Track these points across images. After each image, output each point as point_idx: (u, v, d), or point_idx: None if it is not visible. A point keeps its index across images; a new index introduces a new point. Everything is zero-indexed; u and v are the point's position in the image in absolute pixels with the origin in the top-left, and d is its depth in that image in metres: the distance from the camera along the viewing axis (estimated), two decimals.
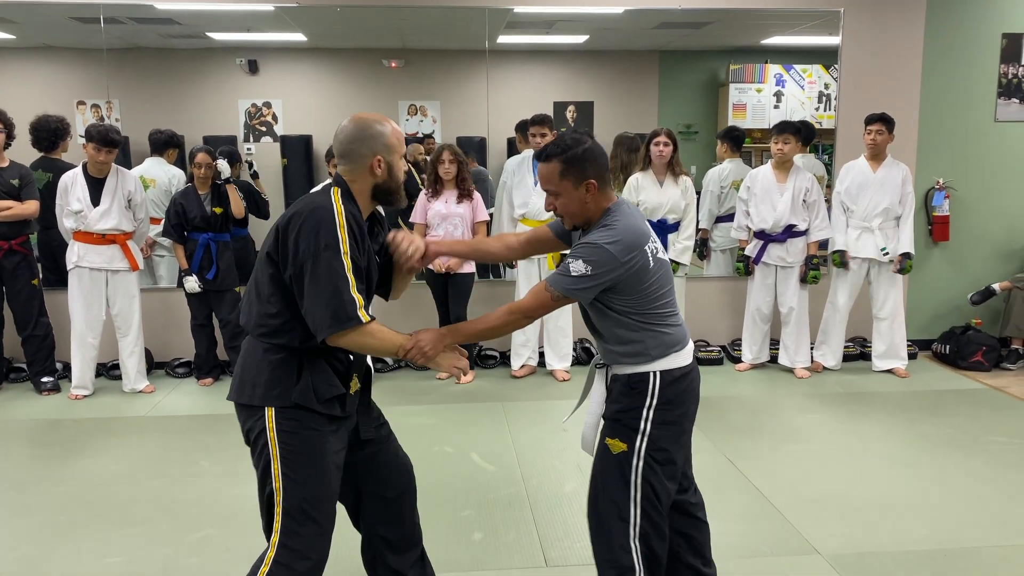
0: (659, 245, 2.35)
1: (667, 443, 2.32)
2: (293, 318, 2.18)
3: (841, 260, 5.51)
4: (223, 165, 5.20)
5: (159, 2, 5.59)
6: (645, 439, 2.30)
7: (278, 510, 2.18)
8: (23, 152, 5.32)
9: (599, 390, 2.43)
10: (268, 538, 2.24)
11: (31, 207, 5.07)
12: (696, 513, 2.57)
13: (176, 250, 5.27)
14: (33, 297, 5.18)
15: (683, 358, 2.34)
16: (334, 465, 2.26)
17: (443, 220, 5.25)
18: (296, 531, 2.18)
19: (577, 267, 2.22)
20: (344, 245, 2.12)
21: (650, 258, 2.28)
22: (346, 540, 2.56)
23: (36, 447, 4.35)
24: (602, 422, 2.41)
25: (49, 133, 5.42)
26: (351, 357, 2.30)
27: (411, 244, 2.42)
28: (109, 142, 4.84)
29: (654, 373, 2.30)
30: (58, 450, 4.27)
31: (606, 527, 2.34)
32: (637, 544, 2.32)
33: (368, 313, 2.16)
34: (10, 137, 5.13)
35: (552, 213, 2.40)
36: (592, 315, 2.38)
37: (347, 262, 2.12)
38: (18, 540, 3.25)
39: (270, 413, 2.18)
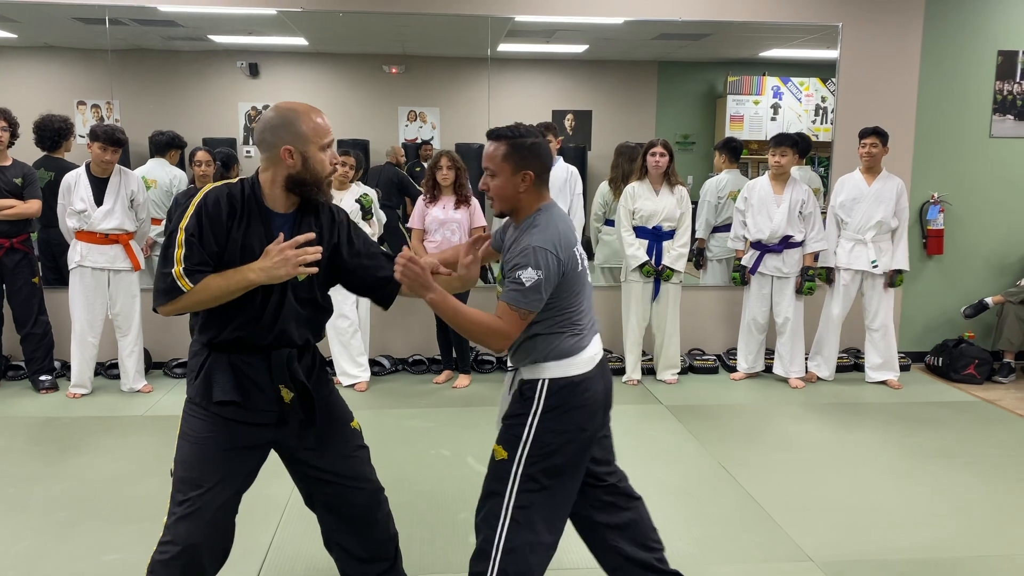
0: (583, 252, 2.37)
1: (556, 452, 2.28)
2: (196, 314, 2.28)
3: (827, 277, 5.57)
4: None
5: (163, 4, 5.62)
6: (527, 449, 2.27)
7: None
8: (25, 151, 5.34)
9: (506, 392, 2.46)
10: None
11: (33, 206, 5.09)
12: (620, 503, 2.51)
13: None
14: (33, 295, 5.20)
15: (577, 367, 2.31)
16: (232, 462, 2.25)
17: (440, 226, 5.28)
18: (173, 511, 2.20)
19: (528, 275, 2.19)
20: (183, 221, 2.16)
21: (578, 261, 2.31)
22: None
23: (34, 445, 4.35)
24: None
25: (53, 132, 5.44)
26: (268, 365, 2.26)
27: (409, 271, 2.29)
28: (115, 141, 4.86)
29: (542, 381, 2.30)
30: (56, 448, 4.28)
31: (479, 526, 2.33)
32: (497, 555, 2.26)
33: (191, 281, 2.15)
34: (14, 136, 5.15)
35: (485, 193, 2.39)
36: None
37: (180, 237, 2.16)
38: (16, 537, 3.27)
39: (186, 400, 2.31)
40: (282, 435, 2.33)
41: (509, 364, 2.45)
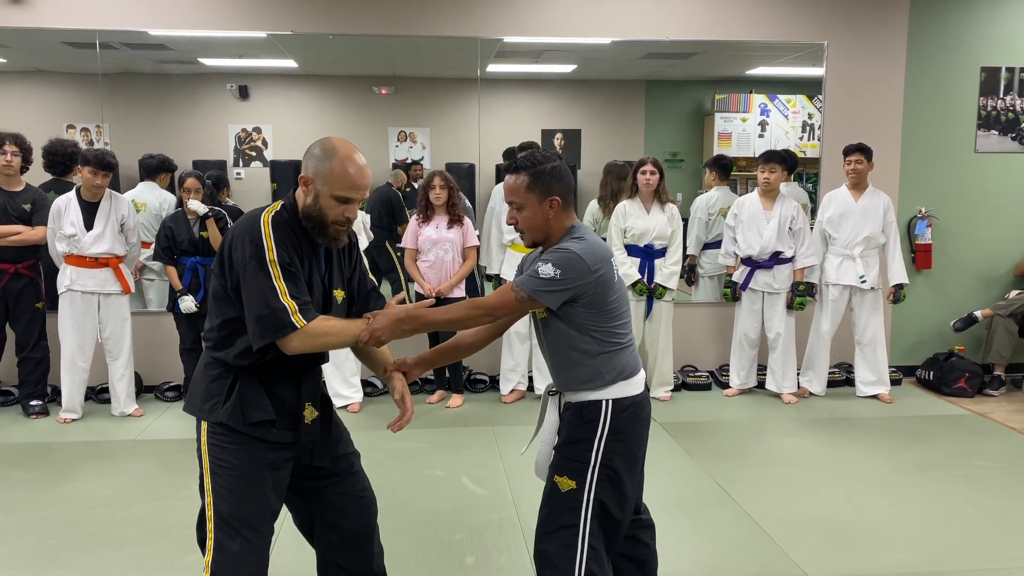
0: (618, 265, 2.37)
1: (620, 472, 2.29)
2: (230, 333, 2.18)
3: (810, 291, 5.60)
4: (195, 205, 5.16)
5: (153, 28, 5.64)
6: (595, 473, 2.26)
7: (210, 525, 2.18)
8: (29, 175, 5.31)
9: (552, 418, 2.40)
10: (203, 552, 2.24)
11: (39, 233, 5.06)
12: (643, 537, 2.54)
13: (168, 272, 5.27)
14: (36, 319, 5.17)
15: (635, 386, 2.33)
16: (270, 485, 2.23)
17: (434, 245, 5.30)
18: (226, 546, 2.16)
19: (546, 270, 2.19)
20: (270, 253, 2.09)
21: (614, 272, 2.30)
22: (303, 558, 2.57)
23: (24, 470, 4.32)
24: (553, 453, 2.37)
25: (64, 157, 5.44)
26: (300, 383, 2.27)
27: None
28: (106, 165, 4.86)
29: (606, 402, 2.28)
30: (47, 473, 4.24)
31: (553, 562, 2.29)
32: None
33: (305, 317, 2.11)
34: (27, 161, 5.13)
35: (512, 227, 2.39)
36: (549, 333, 2.34)
37: (274, 270, 2.09)
38: (6, 564, 3.23)
39: (204, 426, 2.20)
40: (297, 453, 2.33)
41: (551, 388, 2.42)
